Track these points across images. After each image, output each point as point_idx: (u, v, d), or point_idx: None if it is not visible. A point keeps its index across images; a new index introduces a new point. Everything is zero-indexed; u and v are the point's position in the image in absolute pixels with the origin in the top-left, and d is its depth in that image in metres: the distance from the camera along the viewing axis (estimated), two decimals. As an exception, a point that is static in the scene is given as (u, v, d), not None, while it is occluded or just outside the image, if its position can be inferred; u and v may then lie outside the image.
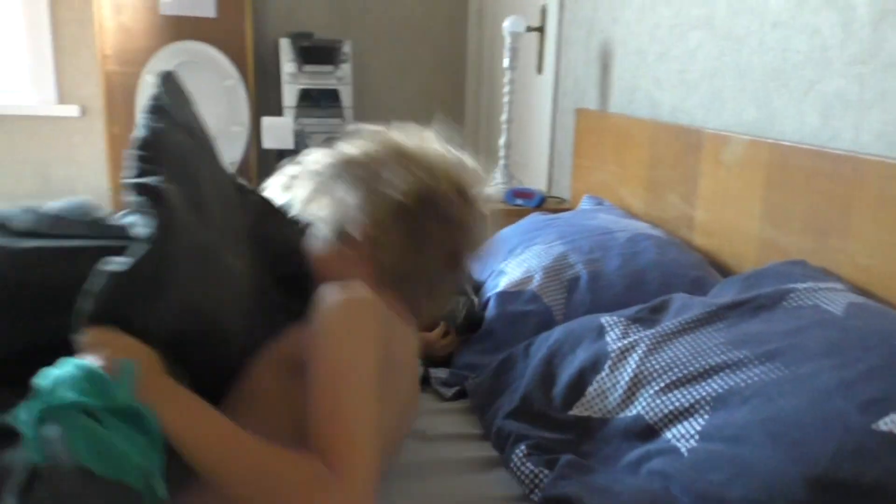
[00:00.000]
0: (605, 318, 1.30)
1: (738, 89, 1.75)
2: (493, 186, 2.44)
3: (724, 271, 1.68)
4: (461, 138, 3.76)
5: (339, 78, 3.26)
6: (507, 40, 2.47)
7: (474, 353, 1.47)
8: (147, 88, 3.06)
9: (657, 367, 1.16)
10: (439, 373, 1.43)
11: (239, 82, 3.20)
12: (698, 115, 1.90)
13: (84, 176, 3.36)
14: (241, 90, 3.21)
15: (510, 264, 1.64)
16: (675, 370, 1.13)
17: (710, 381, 1.09)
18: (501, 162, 2.55)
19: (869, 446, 0.91)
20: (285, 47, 3.21)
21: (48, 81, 3.22)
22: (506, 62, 2.48)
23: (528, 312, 1.48)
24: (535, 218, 1.89)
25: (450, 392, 1.40)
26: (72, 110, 3.24)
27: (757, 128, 1.68)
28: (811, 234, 1.43)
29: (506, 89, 2.51)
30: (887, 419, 0.92)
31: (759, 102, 1.68)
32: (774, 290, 1.24)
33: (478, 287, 1.65)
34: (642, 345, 1.20)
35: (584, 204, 2.17)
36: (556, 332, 1.34)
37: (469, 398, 1.35)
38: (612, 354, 1.21)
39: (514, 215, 2.07)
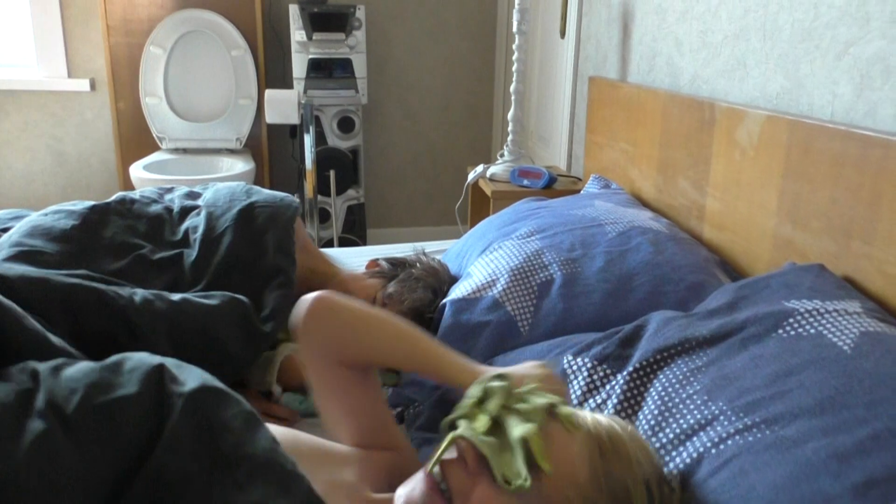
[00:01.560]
0: (568, 360, 1.05)
1: (763, 54, 1.46)
2: (498, 164, 2.20)
3: (735, 272, 1.41)
4: (490, 110, 3.42)
5: (352, 46, 3.05)
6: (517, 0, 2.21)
7: (423, 370, 1.26)
8: (151, 60, 2.93)
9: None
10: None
11: (247, 53, 3.03)
12: (720, 85, 1.61)
13: (98, 152, 3.28)
14: (250, 61, 3.04)
15: (478, 265, 1.42)
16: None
17: (679, 448, 0.86)
18: (510, 137, 2.30)
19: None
20: (294, 14, 3.01)
21: (58, 55, 3.13)
22: (515, 25, 2.22)
23: (485, 323, 1.26)
24: (522, 206, 1.65)
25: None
26: (82, 84, 3.15)
27: (783, 100, 1.39)
28: (833, 234, 1.15)
29: (515, 56, 2.25)
30: (888, 509, 0.68)
31: (786, 70, 1.39)
32: (769, 314, 0.98)
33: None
34: (608, 405, 0.96)
35: (590, 186, 1.91)
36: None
37: (406, 430, 1.14)
38: None
39: (518, 198, 1.83)
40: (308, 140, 2.74)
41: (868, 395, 0.80)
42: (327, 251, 1.90)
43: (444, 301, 1.33)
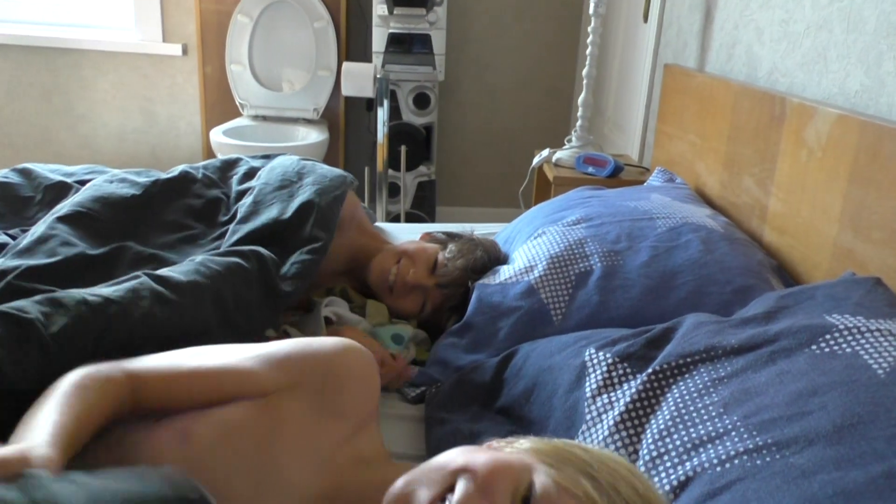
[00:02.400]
0: (590, 353, 1.02)
1: (845, 47, 1.36)
2: (565, 149, 2.16)
3: (792, 280, 1.33)
4: (570, 94, 3.34)
5: (432, 22, 3.04)
6: (596, -19, 2.14)
7: (450, 349, 1.26)
8: (238, 29, 3.02)
9: (627, 438, 0.89)
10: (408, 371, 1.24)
11: (329, 25, 3.08)
12: (798, 79, 1.51)
13: (186, 115, 3.41)
14: (332, 33, 3.08)
15: (521, 250, 1.39)
16: (648, 445, 0.86)
17: (683, 459, 0.82)
18: (579, 122, 2.25)
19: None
20: (378, -13, 3.02)
21: (154, 20, 3.26)
22: (591, 7, 2.15)
23: (516, 308, 1.24)
24: (575, 193, 1.61)
25: (413, 393, 1.21)
26: (175, 49, 3.28)
27: (861, 99, 1.29)
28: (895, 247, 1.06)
29: (589, 38, 2.19)
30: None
31: (867, 66, 1.29)
32: (804, 327, 0.92)
33: None
34: (620, 403, 0.93)
35: (653, 179, 1.84)
36: (535, 358, 1.10)
37: (425, 409, 1.15)
38: (588, 417, 0.95)
39: (580, 185, 1.78)
40: (381, 114, 2.76)
41: (892, 428, 0.74)
42: (382, 226, 1.92)
43: (476, 282, 1.32)
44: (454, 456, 0.66)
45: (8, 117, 3.38)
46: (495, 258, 1.44)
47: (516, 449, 0.69)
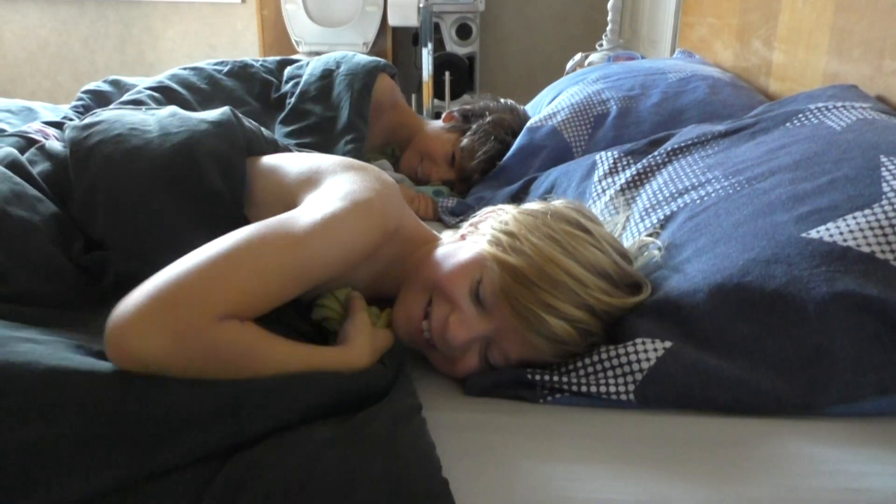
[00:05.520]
0: (601, 154, 1.22)
1: None
2: (597, 53, 2.32)
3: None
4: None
5: (471, -46, 3.21)
6: None
7: (487, 187, 1.47)
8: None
9: (625, 202, 1.08)
10: (448, 202, 1.45)
11: (375, -39, 3.27)
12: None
13: (246, 59, 3.67)
14: (378, -31, 3.28)
15: (546, 108, 1.58)
16: (643, 200, 1.05)
17: (671, 202, 1.00)
18: (609, 27, 2.40)
19: (787, 252, 0.80)
20: (419, -76, 3.20)
21: (214, -31, 3.52)
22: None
23: (543, 147, 1.44)
24: (595, 66, 1.78)
25: (453, 221, 1.41)
26: (234, -4, 3.54)
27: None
28: (870, 58, 1.21)
29: (617, -55, 2.33)
30: (822, 228, 0.81)
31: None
32: (781, 112, 1.09)
33: None
34: (621, 179, 1.12)
35: (675, 57, 2.00)
36: (556, 171, 1.30)
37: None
38: (594, 194, 1.14)
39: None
40: (426, 52, 2.95)
41: (840, 156, 0.91)
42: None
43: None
44: (432, 268, 0.83)
45: (87, 68, 3.70)
46: (508, 140, 1.54)
47: (501, 217, 0.86)
